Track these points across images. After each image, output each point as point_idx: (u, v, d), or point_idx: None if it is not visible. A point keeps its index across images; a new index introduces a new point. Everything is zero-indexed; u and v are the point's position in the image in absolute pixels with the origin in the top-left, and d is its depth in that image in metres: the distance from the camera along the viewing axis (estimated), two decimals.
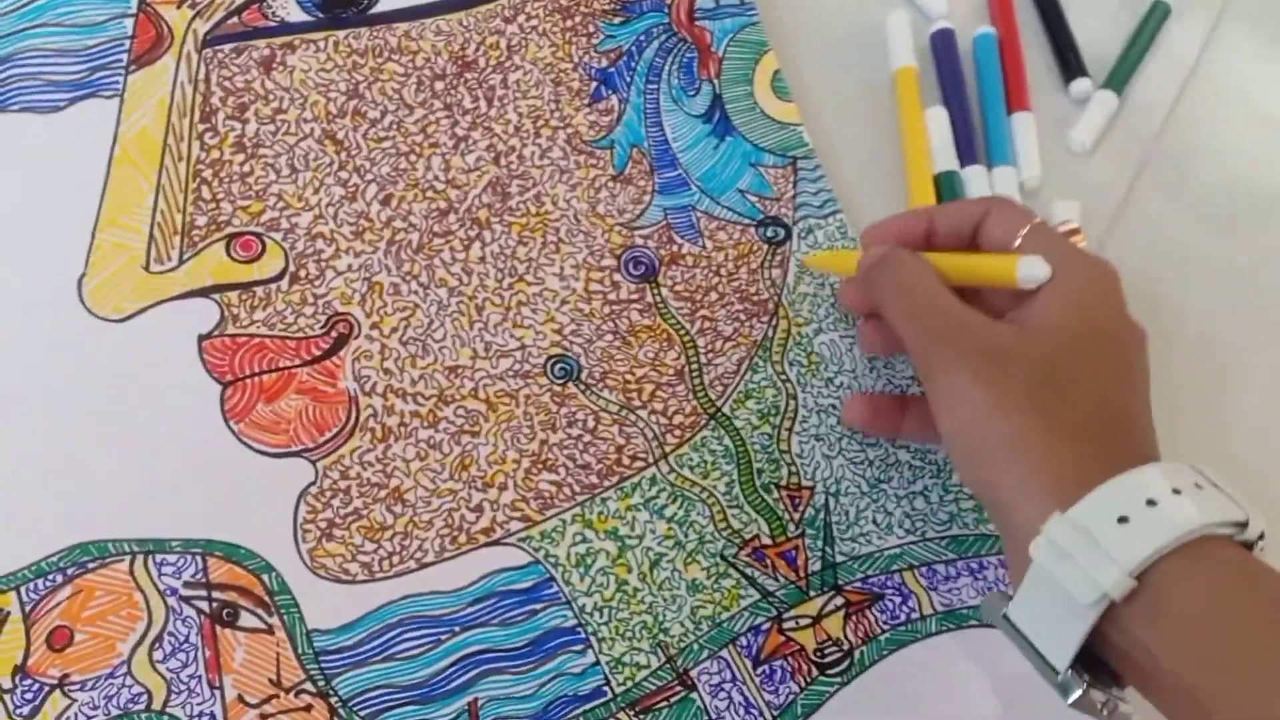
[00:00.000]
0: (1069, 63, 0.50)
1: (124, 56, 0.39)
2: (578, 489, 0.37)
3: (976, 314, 0.33)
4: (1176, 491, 0.29)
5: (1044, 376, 0.32)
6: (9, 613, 0.32)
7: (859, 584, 0.38)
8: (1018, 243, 0.35)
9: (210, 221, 0.38)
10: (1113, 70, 0.51)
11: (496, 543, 0.36)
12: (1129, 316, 0.34)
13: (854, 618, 0.37)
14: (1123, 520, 0.28)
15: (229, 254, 0.37)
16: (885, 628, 0.37)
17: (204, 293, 0.37)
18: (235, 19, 0.40)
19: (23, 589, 0.32)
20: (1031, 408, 0.31)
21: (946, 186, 0.46)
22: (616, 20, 0.45)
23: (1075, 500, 0.29)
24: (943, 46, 0.49)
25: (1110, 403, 0.32)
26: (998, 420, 0.31)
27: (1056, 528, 0.29)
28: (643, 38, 0.45)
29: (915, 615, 0.38)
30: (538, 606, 0.35)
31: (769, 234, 0.43)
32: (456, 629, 0.35)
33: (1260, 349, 0.46)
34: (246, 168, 0.39)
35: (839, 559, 0.38)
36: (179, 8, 0.40)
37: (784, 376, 0.40)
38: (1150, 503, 0.28)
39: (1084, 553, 0.28)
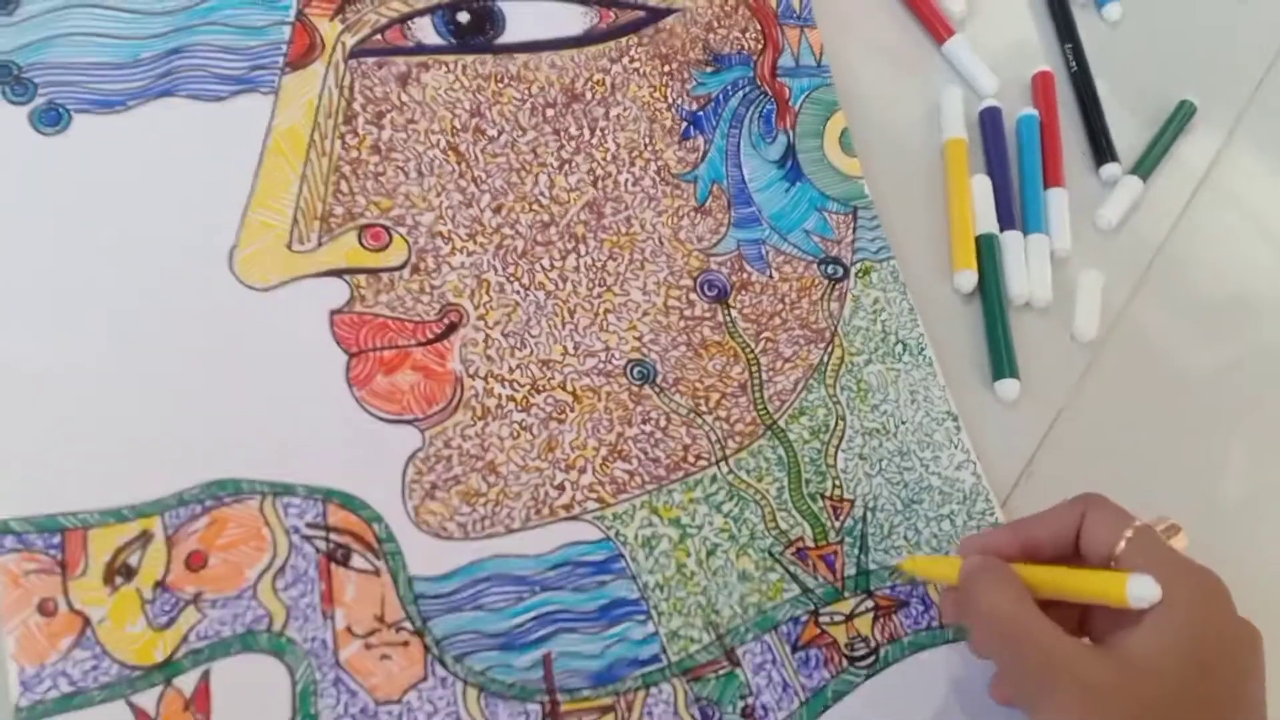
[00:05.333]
0: (1101, 148, 0.54)
1: (280, 59, 0.43)
2: (647, 479, 0.41)
3: (1069, 644, 0.31)
4: None
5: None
6: (153, 534, 0.35)
7: (888, 590, 0.41)
8: (1120, 547, 0.33)
9: (346, 212, 0.42)
10: (1140, 158, 0.55)
11: (574, 518, 0.40)
12: (1240, 624, 0.32)
13: (882, 619, 0.41)
14: None
15: (360, 242, 0.41)
16: (908, 631, 0.41)
17: (337, 273, 0.40)
18: (379, 36, 0.44)
19: (166, 515, 0.36)
20: None
21: (986, 246, 0.50)
22: (708, 70, 0.49)
23: None
24: (990, 123, 0.53)
25: None
26: None
27: None
28: (729, 87, 0.49)
29: (935, 624, 0.41)
30: (607, 578, 0.39)
31: (829, 271, 0.47)
32: (536, 589, 0.38)
33: (1238, 427, 0.50)
34: (380, 168, 0.43)
35: (872, 567, 0.42)
36: (331, 20, 0.44)
37: (835, 399, 0.44)
38: None
39: None
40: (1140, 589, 0.31)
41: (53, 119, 0.40)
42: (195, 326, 0.38)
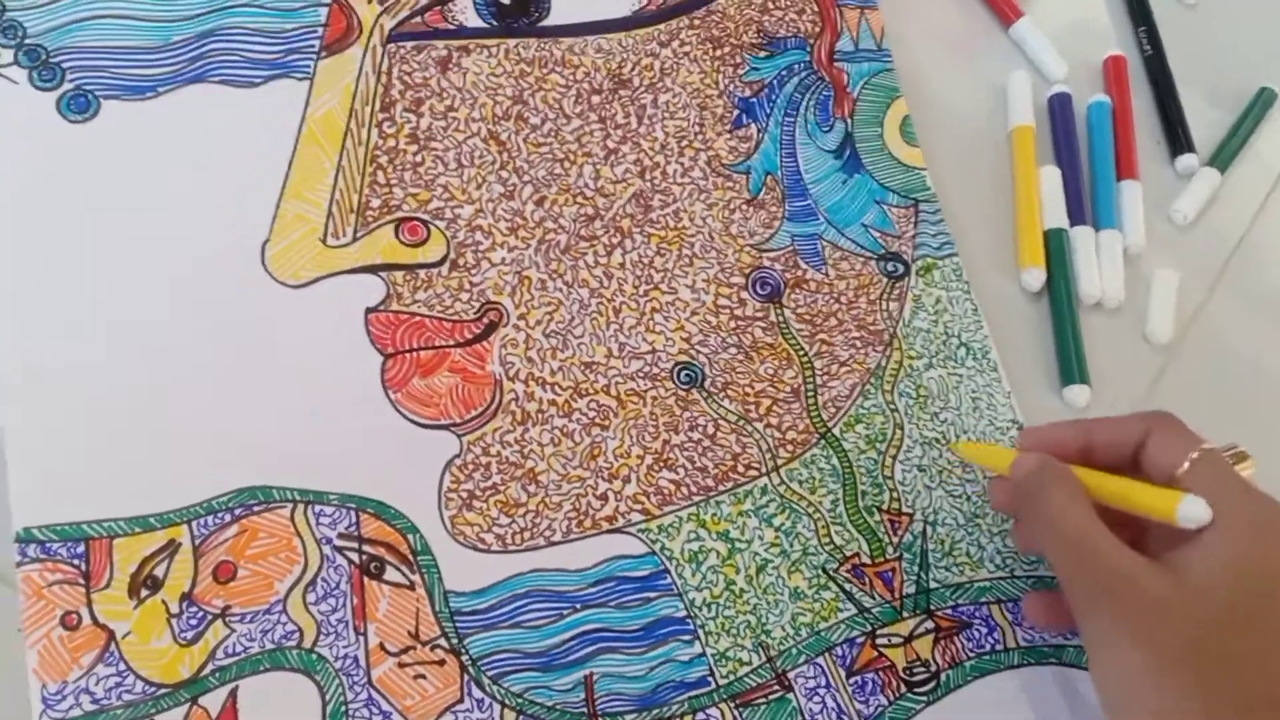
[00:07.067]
0: (1177, 138, 0.51)
1: (316, 43, 0.41)
2: (694, 489, 0.39)
3: (1131, 559, 0.31)
4: None
5: (1203, 641, 0.29)
6: (180, 544, 0.34)
7: (949, 611, 0.39)
8: (1183, 468, 0.33)
9: (383, 204, 0.39)
10: (1217, 149, 0.52)
11: (618, 530, 0.37)
12: None
13: (942, 642, 0.38)
14: None
15: (397, 236, 0.39)
16: (971, 655, 0.38)
17: (373, 269, 0.38)
18: (419, 19, 0.42)
19: (194, 524, 0.34)
20: (1188, 676, 0.29)
21: (1055, 243, 0.47)
22: (762, 54, 0.46)
23: None
24: (1060, 109, 0.50)
25: (1274, 676, 0.29)
26: (1151, 683, 0.30)
27: None
28: (785, 73, 0.46)
29: (999, 647, 0.39)
30: (651, 595, 0.37)
31: (889, 268, 0.44)
32: (577, 606, 0.36)
33: None
34: (418, 158, 0.40)
35: (932, 585, 0.39)
36: (370, 2, 0.42)
37: (893, 406, 0.42)
38: None
39: None
40: (1190, 510, 0.31)
41: (81, 105, 0.38)
42: (225, 325, 0.37)
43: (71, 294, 0.36)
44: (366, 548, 0.35)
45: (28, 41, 0.38)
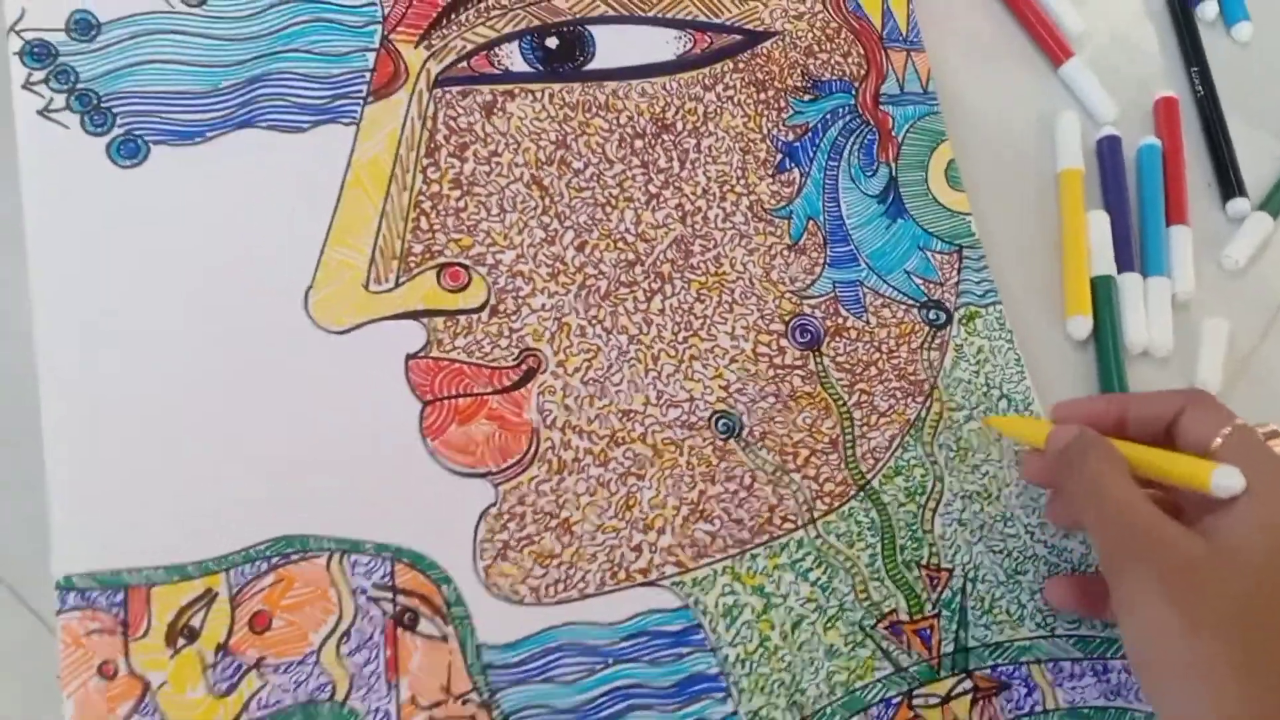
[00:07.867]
0: (1228, 181, 0.50)
1: (364, 88, 0.40)
2: (730, 542, 0.38)
3: (1169, 523, 0.31)
4: None
5: (1235, 602, 0.29)
6: (217, 593, 0.33)
7: (988, 670, 0.38)
8: (1217, 443, 0.33)
9: (425, 250, 0.39)
10: (1270, 193, 0.50)
11: (652, 583, 0.37)
12: None
13: (981, 703, 0.37)
14: None
15: (439, 282, 0.39)
16: (1009, 717, 0.37)
17: (414, 316, 0.38)
18: (465, 63, 0.41)
19: (231, 572, 0.34)
20: (1219, 635, 0.29)
21: (1102, 290, 0.45)
22: (806, 98, 0.45)
23: None
24: (1109, 152, 0.49)
25: None
26: (1183, 643, 0.29)
27: None
28: (829, 116, 0.45)
29: (1039, 708, 0.37)
30: (684, 650, 0.36)
31: (931, 316, 0.43)
32: (610, 661, 0.35)
33: None
34: (461, 204, 0.40)
35: (971, 644, 0.38)
36: (416, 47, 0.41)
37: (933, 458, 0.40)
38: None
39: None
40: (1224, 479, 0.31)
41: (130, 151, 0.38)
42: (268, 371, 0.36)
43: (118, 340, 0.36)
44: (400, 598, 0.34)
45: (80, 86, 0.38)
